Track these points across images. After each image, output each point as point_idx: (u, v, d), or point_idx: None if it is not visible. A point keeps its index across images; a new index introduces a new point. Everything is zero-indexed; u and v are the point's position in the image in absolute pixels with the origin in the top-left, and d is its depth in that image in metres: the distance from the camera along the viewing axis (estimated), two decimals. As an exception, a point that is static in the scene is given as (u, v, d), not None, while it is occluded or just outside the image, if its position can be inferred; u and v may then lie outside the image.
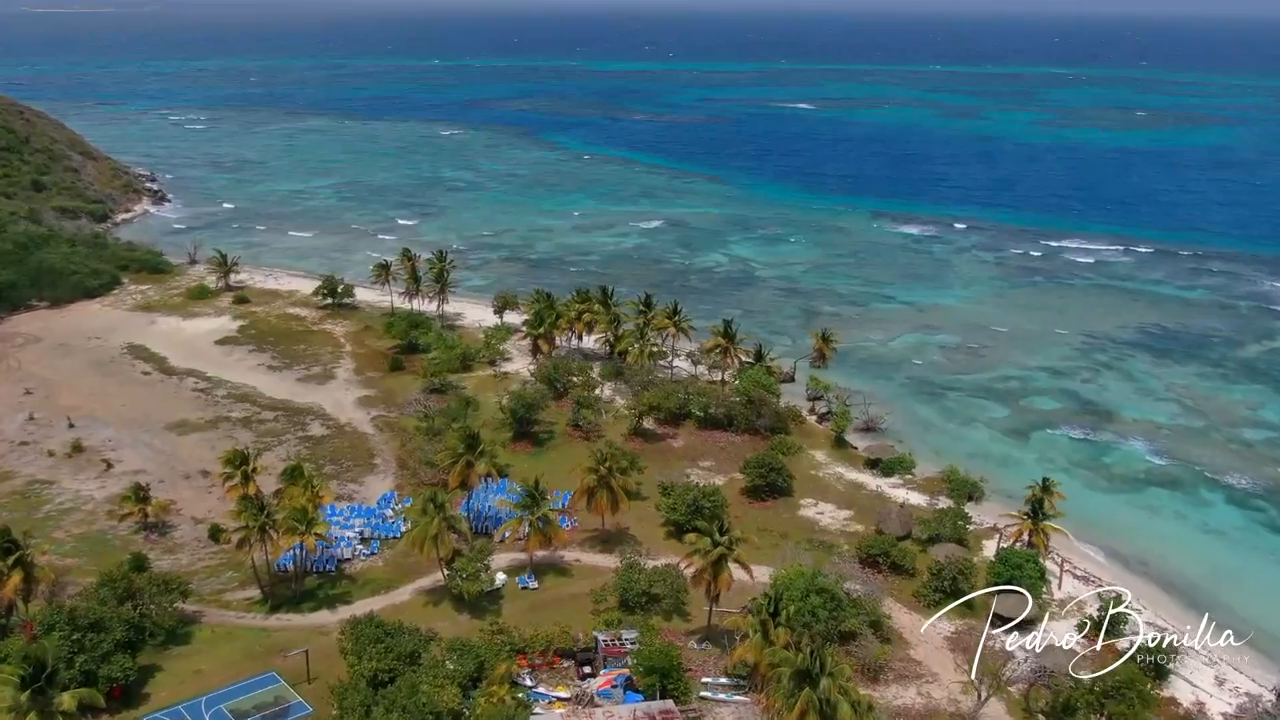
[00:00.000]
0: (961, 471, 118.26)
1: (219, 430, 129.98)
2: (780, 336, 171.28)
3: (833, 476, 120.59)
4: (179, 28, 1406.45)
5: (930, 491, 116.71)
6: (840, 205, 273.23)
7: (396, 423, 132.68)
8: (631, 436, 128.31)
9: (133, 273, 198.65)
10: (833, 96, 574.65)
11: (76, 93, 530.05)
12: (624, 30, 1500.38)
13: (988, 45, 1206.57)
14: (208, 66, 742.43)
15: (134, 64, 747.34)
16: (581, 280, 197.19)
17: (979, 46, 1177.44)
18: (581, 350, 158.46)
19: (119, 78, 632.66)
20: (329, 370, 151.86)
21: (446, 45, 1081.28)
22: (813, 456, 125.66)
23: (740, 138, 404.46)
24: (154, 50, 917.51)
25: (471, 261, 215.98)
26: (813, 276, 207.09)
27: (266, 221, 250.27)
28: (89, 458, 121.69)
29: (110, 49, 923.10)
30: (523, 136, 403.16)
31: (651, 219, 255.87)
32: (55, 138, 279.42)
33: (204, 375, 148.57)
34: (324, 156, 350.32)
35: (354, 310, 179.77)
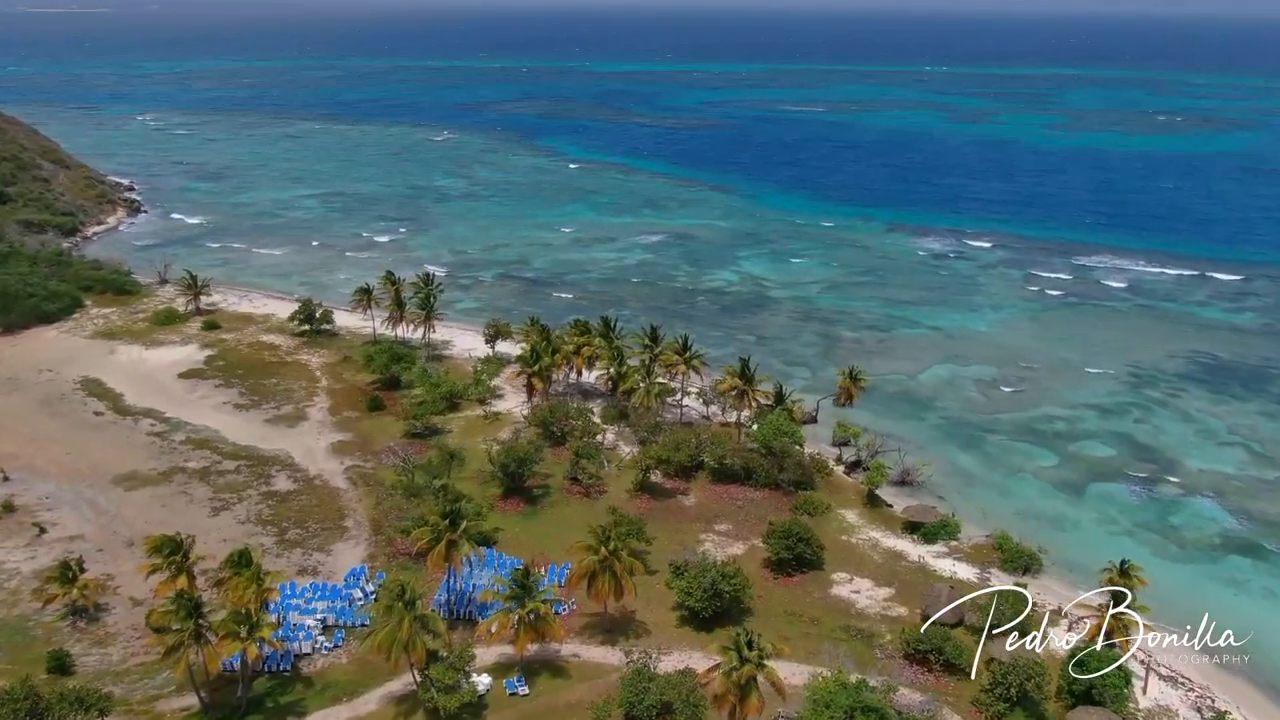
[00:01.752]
0: (1014, 538, 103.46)
1: (172, 485, 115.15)
2: (798, 368, 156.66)
3: (867, 543, 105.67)
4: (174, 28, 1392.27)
5: (980, 562, 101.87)
6: (854, 217, 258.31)
7: (373, 475, 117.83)
8: (637, 493, 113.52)
9: (96, 294, 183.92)
10: (838, 99, 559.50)
11: (61, 95, 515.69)
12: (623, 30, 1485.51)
13: (993, 45, 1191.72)
14: (199, 68, 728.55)
15: (124, 65, 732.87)
16: (581, 302, 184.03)
17: (984, 46, 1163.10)
18: (581, 386, 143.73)
19: (107, 80, 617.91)
20: (301, 409, 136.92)
21: (442, 45, 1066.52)
22: (843, 518, 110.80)
23: (745, 143, 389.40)
24: (146, 51, 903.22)
25: (462, 280, 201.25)
26: (830, 297, 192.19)
27: (246, 235, 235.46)
28: (20, 520, 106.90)
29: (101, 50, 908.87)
30: (519, 141, 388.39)
31: (655, 232, 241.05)
32: (25, 145, 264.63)
33: (162, 416, 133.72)
34: (311, 163, 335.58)
35: (333, 338, 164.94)
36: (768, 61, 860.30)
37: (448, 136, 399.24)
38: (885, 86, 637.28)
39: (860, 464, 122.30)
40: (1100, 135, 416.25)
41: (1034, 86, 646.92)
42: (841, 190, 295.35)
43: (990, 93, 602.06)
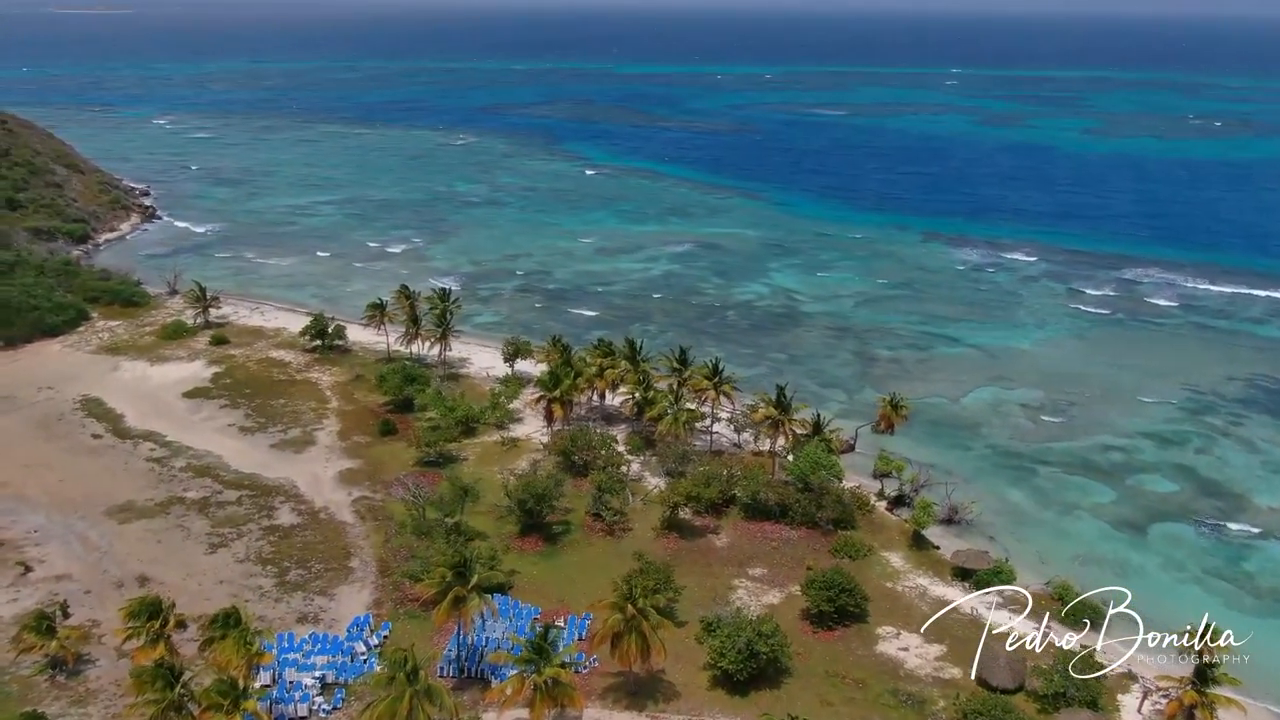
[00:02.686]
0: (1075, 587, 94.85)
1: (169, 517, 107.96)
2: (833, 390, 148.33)
3: (914, 591, 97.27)
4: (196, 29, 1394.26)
5: (1038, 614, 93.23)
6: (887, 226, 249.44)
7: (382, 508, 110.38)
8: (664, 531, 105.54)
9: (104, 305, 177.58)
10: (864, 102, 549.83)
11: (80, 97, 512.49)
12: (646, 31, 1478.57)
13: (1020, 47, 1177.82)
14: (219, 69, 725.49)
15: (143, 67, 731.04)
16: (605, 316, 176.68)
17: (1011, 47, 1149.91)
18: (604, 410, 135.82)
19: (126, 82, 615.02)
20: (309, 433, 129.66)
21: (464, 47, 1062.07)
22: (886, 561, 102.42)
23: (772, 148, 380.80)
24: (166, 52, 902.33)
25: (481, 291, 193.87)
26: (865, 312, 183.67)
27: (259, 243, 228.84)
28: (5, 556, 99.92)
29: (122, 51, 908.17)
30: (542, 145, 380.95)
31: (682, 241, 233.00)
32: (39, 149, 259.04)
33: (163, 439, 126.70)
34: (329, 167, 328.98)
35: (345, 354, 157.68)
36: (791, 63, 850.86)
37: (469, 140, 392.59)
38: (911, 89, 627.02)
39: (904, 499, 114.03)
40: (1137, 140, 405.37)
41: (1064, 89, 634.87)
42: (872, 197, 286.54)
43: (1019, 96, 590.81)
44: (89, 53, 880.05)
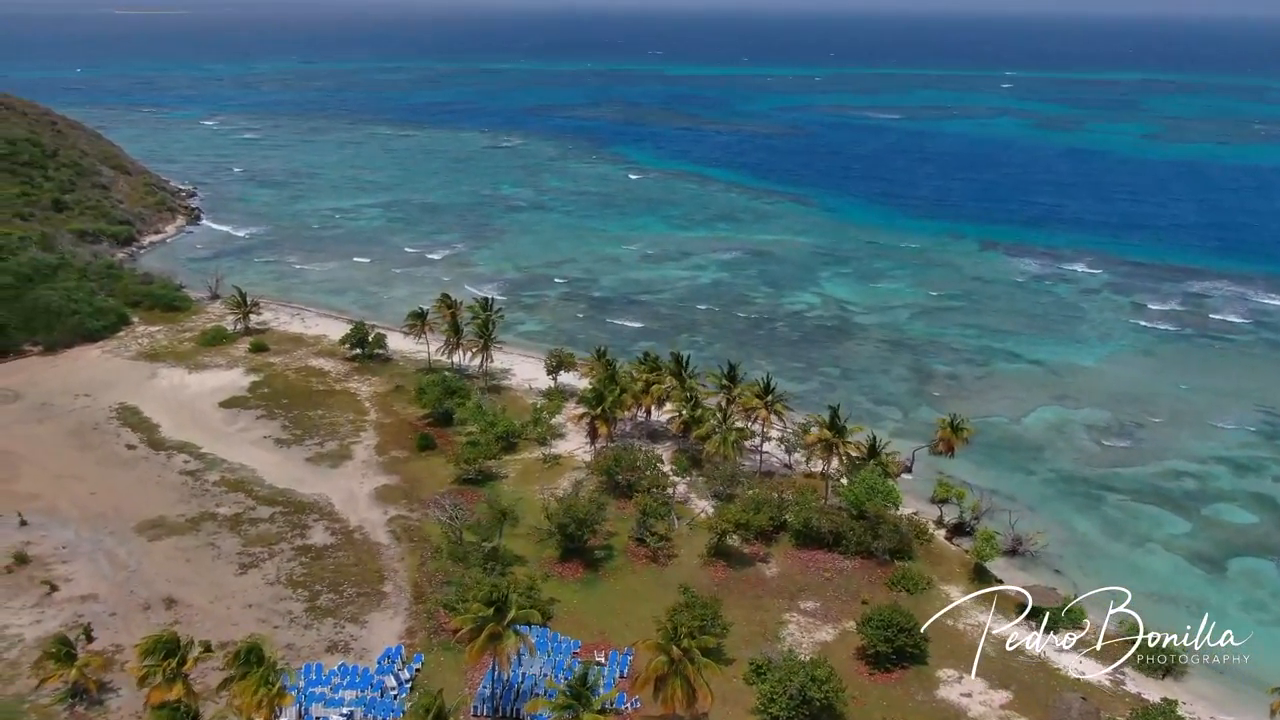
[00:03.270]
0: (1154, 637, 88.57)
1: (199, 535, 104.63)
2: (888, 407, 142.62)
3: (977, 630, 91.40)
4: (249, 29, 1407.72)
5: (1111, 658, 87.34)
6: (942, 234, 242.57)
7: (418, 529, 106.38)
8: (711, 559, 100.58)
9: (145, 310, 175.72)
10: (916, 105, 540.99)
11: (132, 97, 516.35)
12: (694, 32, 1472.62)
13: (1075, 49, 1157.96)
14: (270, 70, 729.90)
15: (195, 67, 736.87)
16: (651, 326, 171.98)
17: (1065, 50, 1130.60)
18: (649, 426, 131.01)
19: (177, 82, 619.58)
20: (346, 446, 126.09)
21: (512, 47, 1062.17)
22: (947, 596, 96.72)
23: (822, 151, 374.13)
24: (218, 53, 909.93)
25: (525, 298, 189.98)
26: (920, 324, 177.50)
27: (303, 246, 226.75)
28: (32, 573, 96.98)
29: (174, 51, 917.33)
30: (589, 148, 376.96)
31: (730, 248, 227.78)
32: (86, 150, 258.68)
33: (198, 451, 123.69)
34: (376, 169, 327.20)
35: (385, 364, 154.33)
36: (841, 65, 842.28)
37: (515, 142, 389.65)
38: (964, 92, 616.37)
39: (964, 527, 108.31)
40: (1200, 146, 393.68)
41: (1122, 93, 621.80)
42: (926, 204, 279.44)
43: (1076, 99, 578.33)
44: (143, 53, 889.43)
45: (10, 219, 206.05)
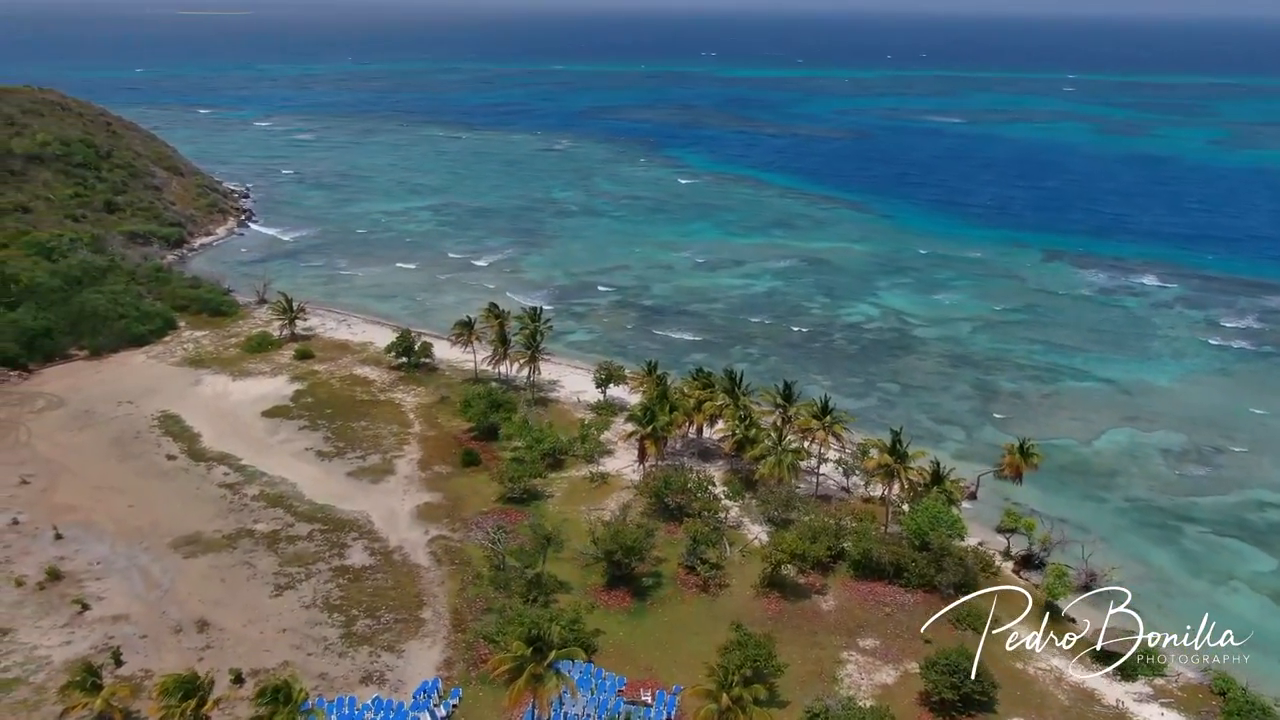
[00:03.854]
0: (1240, 680, 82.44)
1: (235, 552, 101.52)
2: (950, 427, 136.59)
3: (1048, 676, 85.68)
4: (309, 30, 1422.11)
5: (1194, 709, 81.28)
6: (1004, 243, 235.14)
7: (460, 550, 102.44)
8: (765, 590, 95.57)
9: (191, 314, 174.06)
10: (976, 108, 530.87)
11: (189, 97, 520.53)
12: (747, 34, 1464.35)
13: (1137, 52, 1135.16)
14: (327, 70, 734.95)
15: (253, 68, 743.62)
16: (703, 337, 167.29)
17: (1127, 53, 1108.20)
18: (700, 444, 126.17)
19: (236, 82, 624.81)
20: (388, 461, 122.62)
21: (566, 48, 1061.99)
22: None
23: (880, 156, 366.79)
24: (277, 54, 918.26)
25: (575, 306, 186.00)
26: (983, 338, 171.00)
27: (353, 249, 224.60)
28: (64, 591, 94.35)
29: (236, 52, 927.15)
30: (642, 151, 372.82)
31: (785, 256, 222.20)
32: (140, 151, 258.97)
33: (238, 463, 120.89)
34: (428, 171, 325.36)
35: (431, 373, 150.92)
36: (898, 68, 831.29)
37: (567, 145, 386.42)
38: (1025, 95, 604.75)
39: (1033, 559, 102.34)
40: (1273, 153, 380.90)
41: (1187, 96, 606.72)
42: (987, 211, 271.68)
43: (1141, 103, 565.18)
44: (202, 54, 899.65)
45: (62, 220, 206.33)
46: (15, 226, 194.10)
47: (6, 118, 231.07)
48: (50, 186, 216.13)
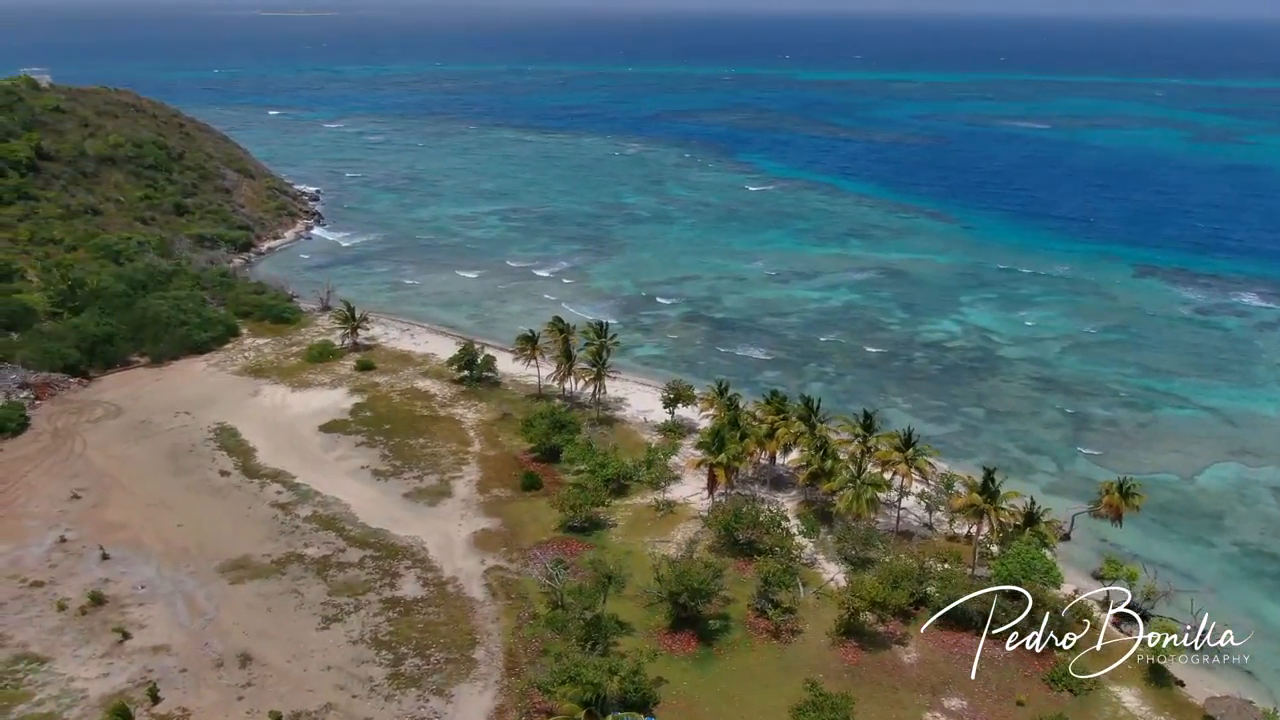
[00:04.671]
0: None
1: (284, 579, 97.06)
2: (1039, 457, 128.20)
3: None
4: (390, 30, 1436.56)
5: None
6: (1093, 257, 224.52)
7: (516, 584, 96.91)
8: (841, 638, 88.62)
9: (254, 321, 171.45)
10: (1060, 114, 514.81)
11: (263, 97, 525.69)
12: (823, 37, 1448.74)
13: (1229, 55, 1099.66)
14: (403, 71, 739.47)
15: (332, 69, 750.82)
16: (776, 354, 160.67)
17: (1218, 57, 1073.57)
18: (773, 472, 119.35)
19: (312, 83, 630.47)
20: (446, 482, 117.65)
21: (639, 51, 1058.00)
22: (1118, 701, 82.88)
23: (960, 163, 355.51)
24: (357, 55, 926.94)
25: (644, 318, 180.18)
26: (1073, 360, 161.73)
27: (419, 255, 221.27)
28: (106, 617, 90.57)
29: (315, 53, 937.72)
30: (714, 155, 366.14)
31: (863, 267, 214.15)
32: (211, 153, 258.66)
33: (291, 481, 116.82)
34: (498, 175, 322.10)
35: (494, 388, 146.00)
36: (978, 71, 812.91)
37: (639, 149, 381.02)
38: (1111, 100, 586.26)
39: (1135, 610, 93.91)
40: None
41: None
42: (1074, 223, 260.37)
43: (1234, 109, 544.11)
44: (279, 54, 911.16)
45: (132, 222, 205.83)
46: (85, 229, 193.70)
47: (81, 119, 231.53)
48: (121, 188, 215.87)
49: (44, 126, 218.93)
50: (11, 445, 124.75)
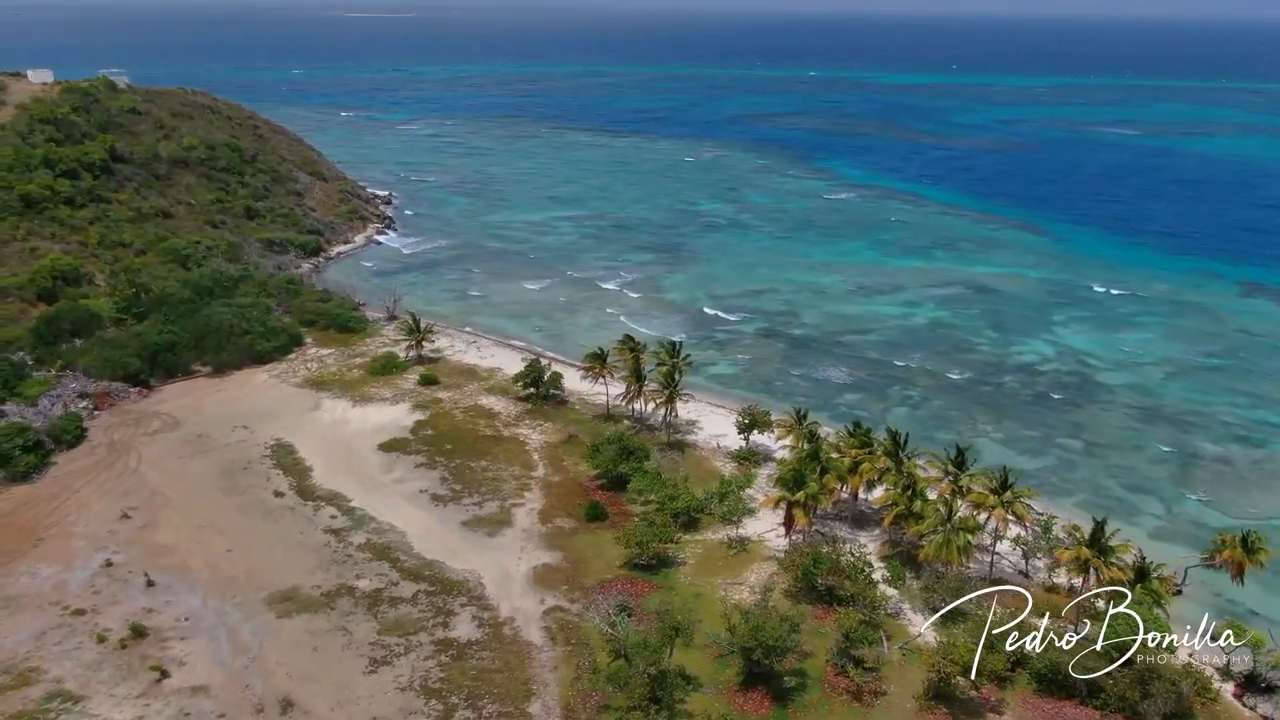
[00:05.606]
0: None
1: (332, 614, 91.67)
2: (1144, 497, 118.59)
3: None
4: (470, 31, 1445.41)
5: None
6: (1195, 273, 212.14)
7: (576, 627, 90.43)
8: (929, 703, 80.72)
9: (319, 329, 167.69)
10: (1155, 119, 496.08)
11: (341, 98, 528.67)
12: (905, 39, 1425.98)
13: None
14: (480, 72, 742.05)
15: (410, 70, 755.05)
16: (857, 375, 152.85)
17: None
18: (854, 508, 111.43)
19: (391, 83, 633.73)
20: (507, 509, 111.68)
21: (716, 52, 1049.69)
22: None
23: (1049, 171, 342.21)
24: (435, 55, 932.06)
25: (718, 334, 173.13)
26: (1177, 388, 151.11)
27: (490, 262, 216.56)
28: (145, 652, 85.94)
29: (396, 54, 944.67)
30: (793, 160, 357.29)
31: (948, 281, 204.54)
32: (285, 156, 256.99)
33: (347, 504, 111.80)
34: (573, 179, 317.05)
35: (560, 406, 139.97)
36: (1066, 75, 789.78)
37: (716, 153, 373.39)
38: (1210, 106, 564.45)
39: (1259, 681, 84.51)
40: None
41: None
42: (1171, 237, 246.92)
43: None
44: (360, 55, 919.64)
45: (202, 226, 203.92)
46: (155, 232, 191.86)
47: (156, 121, 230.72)
48: (193, 191, 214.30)
49: (119, 128, 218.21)
50: (67, 458, 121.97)
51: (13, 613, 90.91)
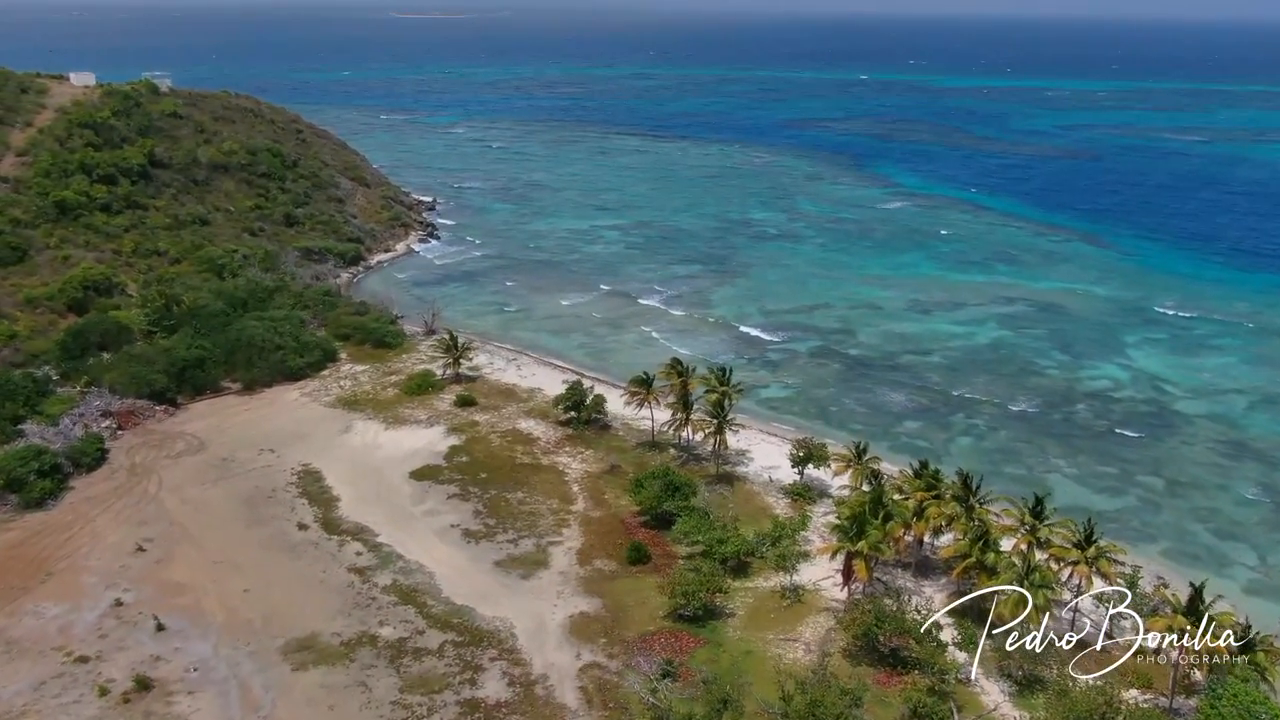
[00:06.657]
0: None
1: (352, 667, 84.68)
2: (1235, 544, 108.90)
3: None
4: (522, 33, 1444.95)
5: None
6: (1274, 290, 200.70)
7: (614, 687, 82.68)
8: (1008, 790, 72.27)
9: (354, 344, 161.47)
10: (1225, 125, 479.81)
11: (388, 100, 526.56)
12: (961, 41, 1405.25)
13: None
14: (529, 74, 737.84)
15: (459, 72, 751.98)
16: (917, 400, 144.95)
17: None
18: (920, 553, 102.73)
19: (438, 86, 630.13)
20: (543, 549, 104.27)
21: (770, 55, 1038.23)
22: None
23: (1114, 179, 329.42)
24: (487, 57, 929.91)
25: (770, 353, 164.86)
26: (1264, 419, 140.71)
27: (533, 274, 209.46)
28: (150, 708, 79.50)
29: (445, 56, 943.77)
30: (847, 167, 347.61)
31: (1011, 298, 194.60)
32: (327, 161, 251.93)
33: (373, 540, 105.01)
34: (620, 185, 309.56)
35: (603, 431, 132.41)
36: (1130, 79, 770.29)
37: (768, 159, 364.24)
38: (1278, 112, 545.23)
39: (1380, 769, 75.06)
40: None
41: None
42: (1246, 253, 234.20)
43: None
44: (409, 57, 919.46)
45: (240, 234, 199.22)
46: (191, 239, 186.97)
47: (198, 125, 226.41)
48: (232, 197, 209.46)
49: (159, 132, 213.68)
50: (85, 482, 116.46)
51: (13, 658, 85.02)
